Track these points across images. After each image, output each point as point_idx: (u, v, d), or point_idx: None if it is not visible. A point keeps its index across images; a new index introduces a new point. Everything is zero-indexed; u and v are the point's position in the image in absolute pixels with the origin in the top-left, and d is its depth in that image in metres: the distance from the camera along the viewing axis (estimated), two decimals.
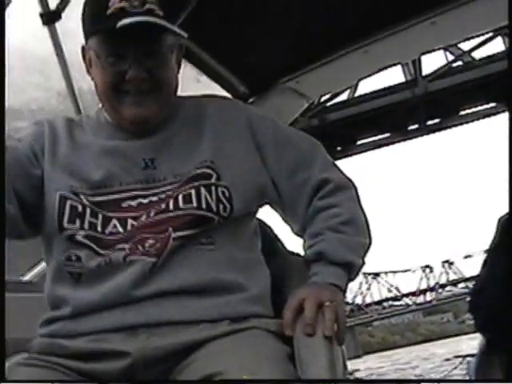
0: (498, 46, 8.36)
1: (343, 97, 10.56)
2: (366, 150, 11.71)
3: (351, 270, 1.55)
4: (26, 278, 3.00)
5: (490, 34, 9.11)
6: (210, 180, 1.53)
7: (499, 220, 2.65)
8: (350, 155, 11.50)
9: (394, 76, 9.89)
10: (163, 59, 1.56)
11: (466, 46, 9.48)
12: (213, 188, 1.52)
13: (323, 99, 10.21)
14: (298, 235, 1.68)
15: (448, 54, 10.13)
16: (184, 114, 1.65)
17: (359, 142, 11.53)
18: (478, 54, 9.37)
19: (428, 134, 11.10)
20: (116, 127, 1.62)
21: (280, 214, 1.70)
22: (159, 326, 1.43)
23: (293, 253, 1.81)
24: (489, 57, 9.64)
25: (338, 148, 11.36)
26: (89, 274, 1.48)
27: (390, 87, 10.41)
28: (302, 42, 3.55)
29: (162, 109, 1.59)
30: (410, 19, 3.35)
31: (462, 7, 3.26)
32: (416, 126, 10.78)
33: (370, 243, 1.61)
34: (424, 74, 10.05)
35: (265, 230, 1.83)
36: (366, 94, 10.31)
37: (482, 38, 9.27)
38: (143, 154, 1.56)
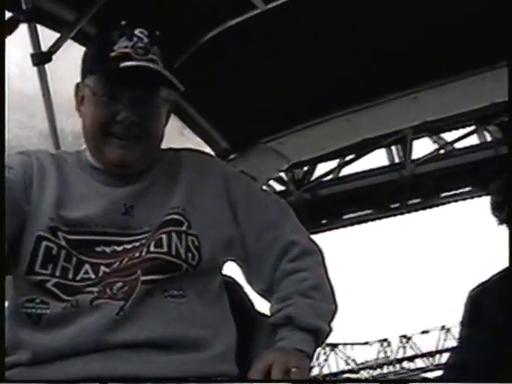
0: (474, 139, 9.18)
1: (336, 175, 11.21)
2: (351, 225, 12.21)
3: (319, 336, 1.51)
4: None
5: (470, 129, 9.89)
6: (181, 227, 1.51)
7: (470, 294, 2.55)
8: (336, 228, 12.07)
9: (380, 158, 10.62)
10: (156, 109, 1.56)
11: (448, 136, 10.33)
12: (183, 236, 1.50)
13: (316, 175, 10.77)
14: (260, 294, 1.65)
15: (433, 142, 10.73)
16: (163, 165, 1.64)
17: (345, 217, 12.04)
18: (458, 145, 10.12)
19: (409, 212, 11.58)
20: (99, 170, 1.59)
21: (244, 271, 1.67)
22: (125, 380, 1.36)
23: (261, 313, 1.78)
24: (467, 147, 10.33)
25: (323, 221, 11.82)
26: (53, 317, 1.41)
27: (378, 168, 10.92)
28: (286, 104, 3.54)
29: (145, 157, 1.58)
30: (394, 93, 3.40)
31: (446, 85, 3.32)
32: (398, 205, 11.16)
33: (336, 309, 1.58)
34: (412, 158, 10.68)
35: (235, 287, 1.80)
36: (355, 173, 10.83)
37: (463, 132, 10.07)
38: (124, 200, 1.54)
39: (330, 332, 1.56)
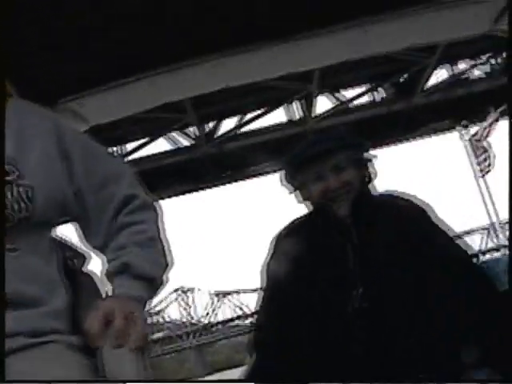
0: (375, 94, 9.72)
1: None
2: (254, 176, 12.94)
3: (154, 285, 1.50)
4: None
5: (365, 87, 10.76)
6: (9, 177, 1.39)
7: (268, 266, 2.24)
8: (239, 180, 12.75)
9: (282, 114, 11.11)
10: None
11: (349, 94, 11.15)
12: (14, 186, 1.39)
13: (222, 132, 11.26)
14: (98, 249, 1.59)
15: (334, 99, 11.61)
16: None
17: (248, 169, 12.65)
18: (357, 102, 10.89)
19: None
20: None
21: (81, 227, 1.59)
22: None
23: (83, 272, 1.73)
24: (363, 105, 11.26)
25: (228, 173, 12.37)
26: None
27: (280, 123, 11.46)
28: (88, 64, 3.46)
29: None
30: (191, 59, 3.44)
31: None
32: None
33: (168, 266, 1.57)
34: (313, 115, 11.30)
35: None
36: (259, 129, 11.30)
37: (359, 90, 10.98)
38: None
39: (164, 285, 1.55)
